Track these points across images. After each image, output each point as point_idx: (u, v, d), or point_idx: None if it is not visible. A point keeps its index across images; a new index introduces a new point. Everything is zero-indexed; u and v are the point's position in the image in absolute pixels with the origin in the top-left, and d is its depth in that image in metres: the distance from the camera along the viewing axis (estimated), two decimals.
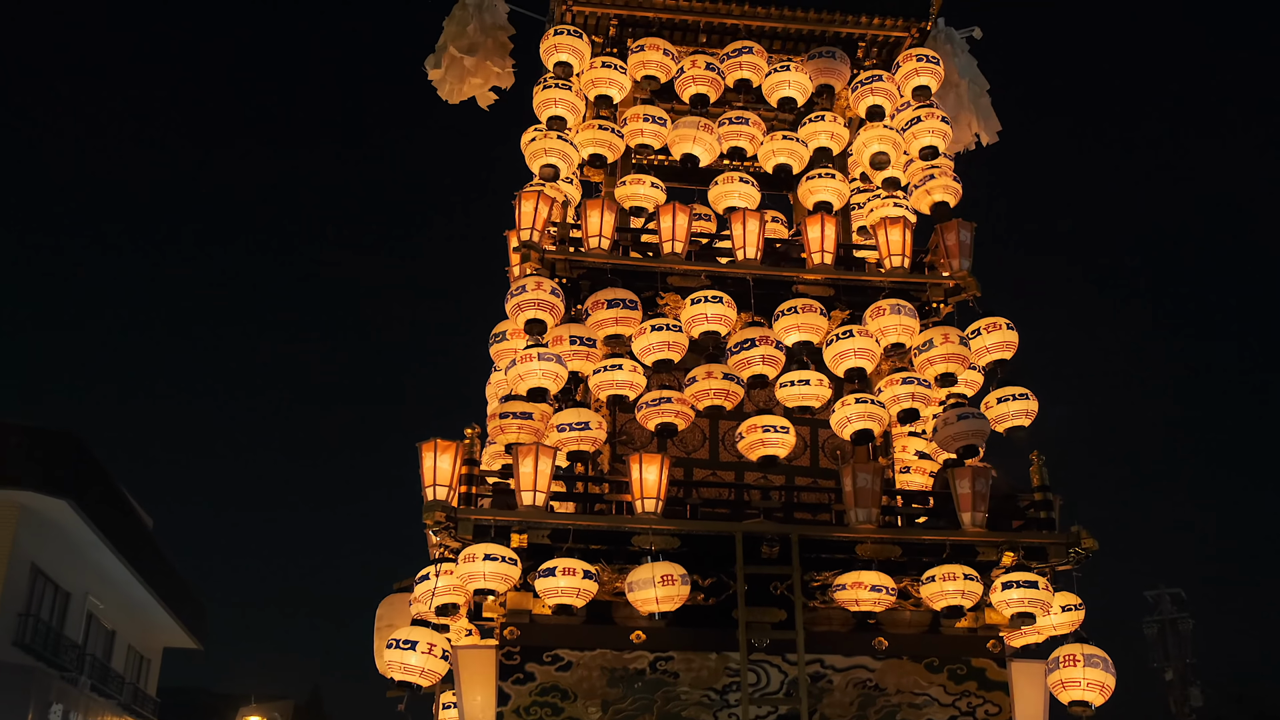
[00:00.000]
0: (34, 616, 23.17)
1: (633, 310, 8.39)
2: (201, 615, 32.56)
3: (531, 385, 8.11)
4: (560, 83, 9.27)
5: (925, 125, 9.32)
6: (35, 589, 23.42)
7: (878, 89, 9.51)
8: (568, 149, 9.16)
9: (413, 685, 7.91)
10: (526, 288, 8.26)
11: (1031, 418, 8.71)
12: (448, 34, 9.59)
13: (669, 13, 9.49)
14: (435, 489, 7.65)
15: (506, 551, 7.54)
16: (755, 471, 8.66)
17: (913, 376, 8.51)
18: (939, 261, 8.99)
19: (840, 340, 8.49)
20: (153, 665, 31.75)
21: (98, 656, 26.80)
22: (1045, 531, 8.23)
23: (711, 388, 8.24)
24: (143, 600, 27.67)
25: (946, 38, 9.87)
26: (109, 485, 25.29)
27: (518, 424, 8.02)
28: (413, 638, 7.84)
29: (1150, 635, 25.76)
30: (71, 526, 23.49)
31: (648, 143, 9.36)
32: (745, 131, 9.34)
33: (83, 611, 25.70)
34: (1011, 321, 8.75)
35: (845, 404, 8.43)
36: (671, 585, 7.54)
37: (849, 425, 8.40)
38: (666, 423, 8.19)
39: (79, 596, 25.37)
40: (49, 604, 24.15)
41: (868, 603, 7.84)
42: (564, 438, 8.07)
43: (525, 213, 8.53)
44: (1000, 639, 8.25)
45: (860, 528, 8.00)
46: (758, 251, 8.74)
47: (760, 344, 8.38)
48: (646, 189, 9.15)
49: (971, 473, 8.19)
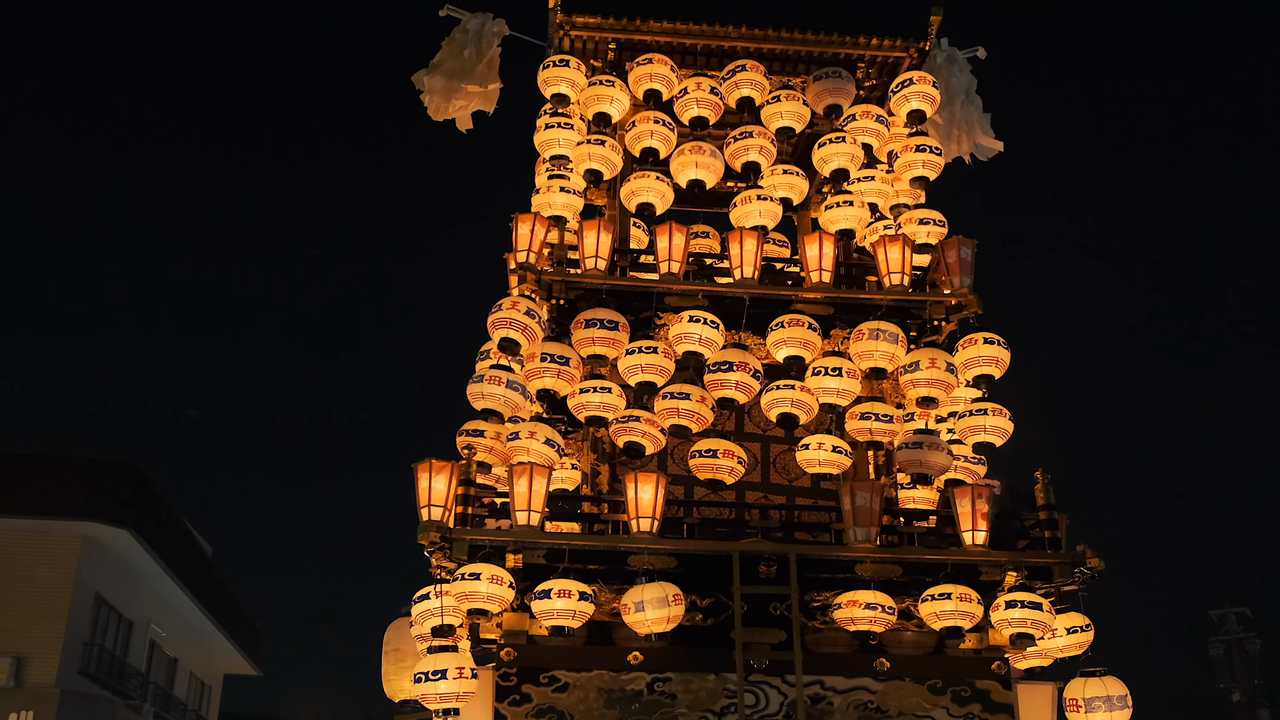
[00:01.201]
0: (98, 645, 23.55)
1: (614, 330, 8.39)
2: (261, 642, 33.00)
3: (484, 406, 8.32)
4: (560, 122, 9.44)
5: (918, 157, 9.38)
6: (99, 618, 23.82)
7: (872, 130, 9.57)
8: (572, 200, 9.37)
9: (455, 710, 7.71)
10: (502, 307, 8.38)
11: (1004, 437, 8.54)
12: (443, 54, 9.72)
13: (668, 36, 9.53)
14: (430, 509, 7.73)
15: (501, 571, 7.58)
16: (755, 491, 8.65)
17: (870, 412, 8.49)
18: (940, 279, 8.93)
19: (818, 376, 8.48)
20: (214, 692, 32.17)
21: (160, 684, 27.20)
22: (1050, 551, 8.12)
23: (677, 407, 8.23)
24: (203, 628, 28.07)
25: (949, 57, 9.83)
26: (169, 515, 25.69)
27: (472, 441, 8.43)
28: (440, 666, 7.66)
29: (1216, 655, 25.23)
30: (133, 556, 23.89)
31: (653, 146, 9.35)
32: (757, 145, 9.35)
33: (145, 640, 26.10)
34: (1003, 339, 8.64)
35: (809, 446, 8.41)
36: (667, 606, 7.53)
37: (813, 467, 8.40)
38: (634, 442, 8.18)
39: (141, 625, 25.76)
40: (113, 633, 24.55)
41: (864, 622, 7.77)
42: None
43: (522, 235, 8.63)
44: (1005, 660, 8.14)
45: (858, 547, 7.95)
46: (755, 271, 8.75)
47: (738, 369, 8.33)
48: (652, 182, 9.18)
49: (972, 491, 8.11)
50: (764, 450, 8.95)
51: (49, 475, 22.49)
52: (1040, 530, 8.20)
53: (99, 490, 22.83)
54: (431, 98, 9.79)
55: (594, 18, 9.50)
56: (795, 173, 9.54)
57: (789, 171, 9.52)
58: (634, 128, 9.33)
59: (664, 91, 9.47)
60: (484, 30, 9.73)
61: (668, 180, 9.27)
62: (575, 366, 8.37)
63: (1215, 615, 25.55)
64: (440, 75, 9.73)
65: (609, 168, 9.35)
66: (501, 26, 9.86)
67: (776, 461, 8.94)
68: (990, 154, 10.10)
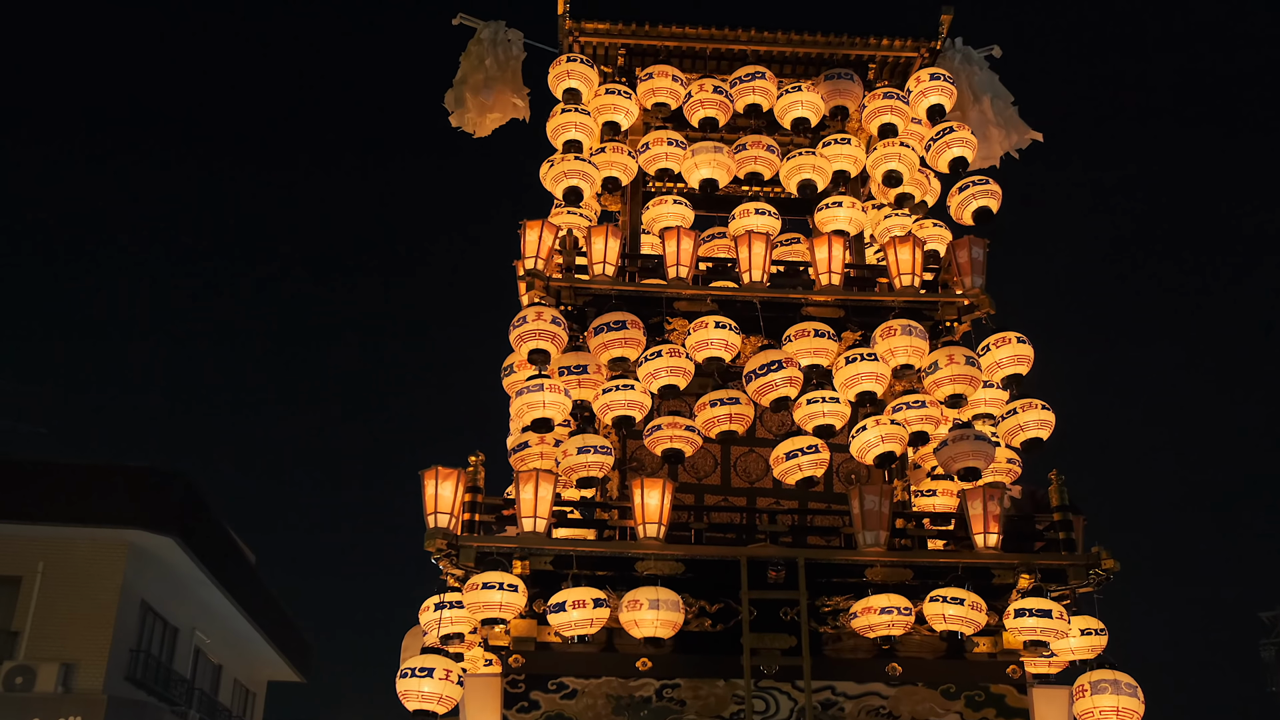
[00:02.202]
0: (145, 652, 23.84)
1: (626, 330, 8.31)
2: (306, 649, 33.16)
3: (535, 416, 8.14)
4: (574, 108, 9.39)
5: (953, 137, 9.27)
6: (145, 625, 24.12)
7: (892, 108, 9.44)
8: (589, 169, 9.25)
9: (430, 713, 7.92)
10: (527, 318, 8.29)
11: (1049, 429, 8.48)
12: (464, 69, 9.75)
13: (677, 40, 9.56)
14: (437, 516, 7.74)
15: (510, 578, 7.59)
16: (767, 497, 8.60)
17: (921, 399, 8.37)
18: (952, 280, 8.85)
19: (851, 364, 8.37)
20: (258, 699, 32.42)
21: (205, 690, 27.49)
22: (1064, 553, 8.01)
23: (726, 413, 8.17)
24: (247, 634, 28.32)
25: (965, 57, 9.77)
26: (213, 522, 25.95)
27: (523, 456, 8.45)
28: (427, 665, 7.78)
29: (1268, 659, 24.86)
30: (178, 563, 24.18)
31: (669, 167, 9.36)
32: (762, 157, 9.33)
33: (190, 646, 26.37)
34: (1023, 335, 8.54)
35: (866, 428, 8.31)
36: (666, 610, 7.52)
37: (872, 449, 8.27)
38: (674, 448, 8.15)
39: (186, 632, 26.04)
40: (158, 639, 24.84)
41: (882, 627, 7.69)
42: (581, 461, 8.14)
43: (530, 241, 8.64)
44: (1020, 664, 8.03)
45: (868, 550, 7.88)
46: (764, 274, 8.70)
47: (787, 365, 8.22)
48: (670, 206, 9.26)
49: (983, 493, 8.02)
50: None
51: (96, 484, 22.76)
52: (1054, 532, 8.10)
53: (144, 498, 23.10)
54: (464, 114, 9.81)
55: (603, 24, 9.54)
56: (816, 153, 9.50)
57: (809, 152, 9.49)
58: (649, 150, 9.36)
59: (671, 104, 9.50)
60: (498, 38, 9.75)
61: (688, 204, 9.41)
62: (595, 371, 8.40)
63: (1266, 618, 25.15)
64: (467, 90, 9.76)
65: (626, 174, 9.41)
66: (517, 34, 9.89)
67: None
68: (1027, 145, 10.03)
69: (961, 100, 9.63)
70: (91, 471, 23.11)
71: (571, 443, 8.16)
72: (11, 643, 21.86)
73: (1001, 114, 9.77)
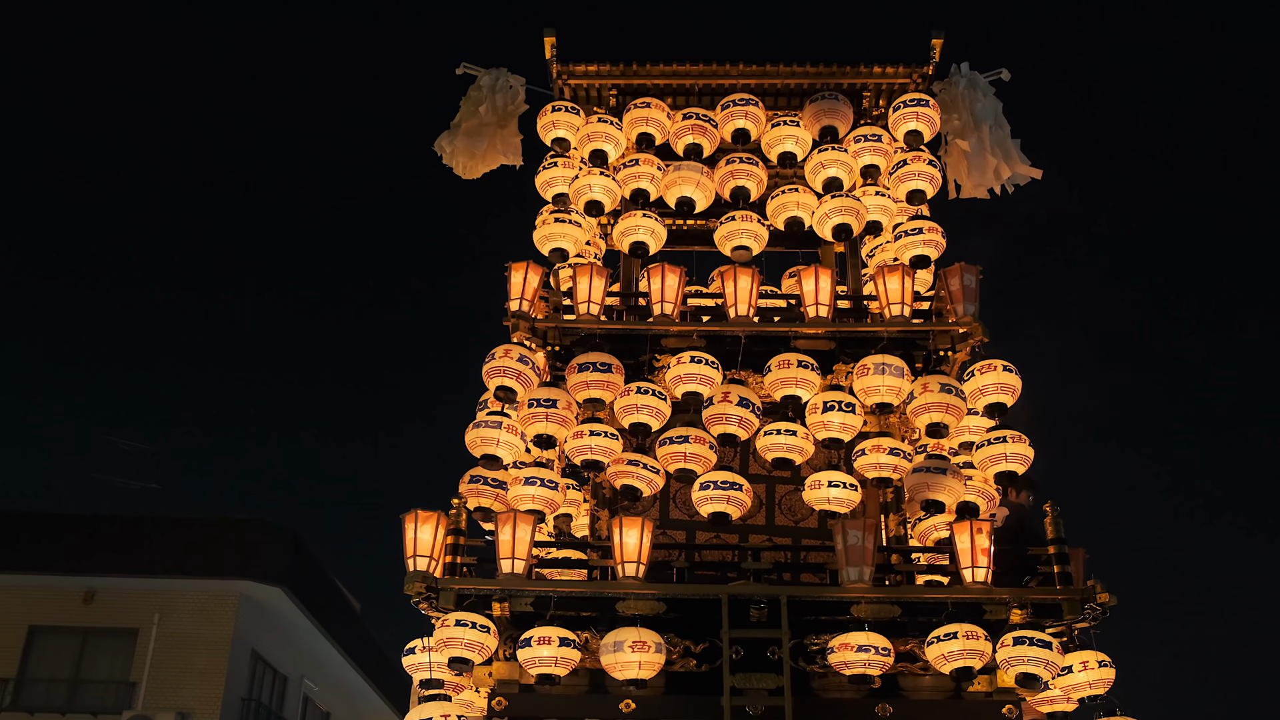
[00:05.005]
0: (255, 700, 24.50)
1: (608, 373, 8.32)
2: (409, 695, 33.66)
3: (485, 452, 8.34)
4: (561, 161, 9.48)
5: (910, 169, 9.08)
6: (256, 673, 24.80)
7: (873, 149, 9.36)
8: (575, 231, 9.36)
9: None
10: (495, 355, 8.44)
11: (1025, 464, 8.15)
12: (462, 113, 9.91)
13: (667, 78, 9.55)
14: (416, 559, 7.80)
15: (482, 619, 7.60)
16: (760, 534, 8.47)
17: (877, 446, 8.19)
18: (945, 308, 8.63)
19: (828, 411, 8.25)
20: None
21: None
22: (1059, 586, 7.69)
23: (683, 451, 8.11)
24: (354, 682, 28.85)
25: (970, 83, 9.53)
26: (320, 573, 26.65)
27: (479, 489, 8.41)
28: (426, 715, 7.82)
29: None
30: (287, 613, 24.87)
31: (644, 188, 9.34)
32: (754, 173, 9.28)
33: (299, 695, 27.00)
34: (1010, 364, 8.27)
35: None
36: (648, 651, 7.43)
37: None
38: (630, 485, 8.12)
39: (295, 680, 26.68)
40: (268, 688, 25.51)
41: (859, 665, 7.48)
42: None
43: (515, 283, 8.69)
44: (1017, 704, 7.71)
45: (851, 587, 7.68)
46: (750, 309, 8.61)
47: (746, 405, 8.22)
48: (639, 220, 9.17)
49: (971, 526, 7.75)
50: (769, 491, 8.76)
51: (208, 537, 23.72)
52: (1050, 565, 7.79)
53: (255, 551, 23.91)
54: (456, 158, 9.99)
55: (592, 65, 9.58)
56: (806, 189, 9.40)
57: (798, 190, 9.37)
58: (624, 170, 9.36)
59: (657, 135, 9.49)
60: (498, 85, 9.90)
61: (659, 219, 9.25)
62: (566, 408, 8.33)
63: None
64: (461, 135, 9.93)
65: (610, 198, 9.38)
66: (519, 80, 10.03)
67: (782, 503, 8.74)
68: (1025, 180, 9.73)
69: (963, 127, 9.41)
70: (203, 525, 24.07)
71: (520, 473, 8.28)
72: (130, 693, 22.75)
73: (1000, 144, 9.51)
